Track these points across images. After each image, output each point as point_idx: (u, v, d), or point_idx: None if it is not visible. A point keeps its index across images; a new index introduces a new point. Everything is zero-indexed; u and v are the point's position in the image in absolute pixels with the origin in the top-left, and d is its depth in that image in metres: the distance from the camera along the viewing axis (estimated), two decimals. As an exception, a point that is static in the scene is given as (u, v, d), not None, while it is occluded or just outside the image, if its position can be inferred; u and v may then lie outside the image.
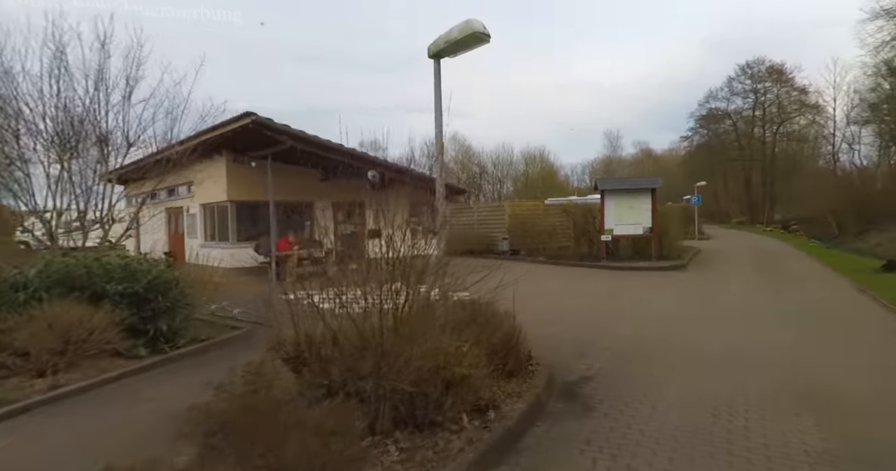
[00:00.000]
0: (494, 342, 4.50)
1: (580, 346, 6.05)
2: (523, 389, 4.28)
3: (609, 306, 8.60)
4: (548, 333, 6.70)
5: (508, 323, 4.93)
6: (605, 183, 15.84)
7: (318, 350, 3.52)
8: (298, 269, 12.93)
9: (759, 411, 4.06)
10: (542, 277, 12.78)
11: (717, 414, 3.98)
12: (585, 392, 4.56)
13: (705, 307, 8.44)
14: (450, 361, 3.67)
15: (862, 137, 35.54)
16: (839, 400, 4.29)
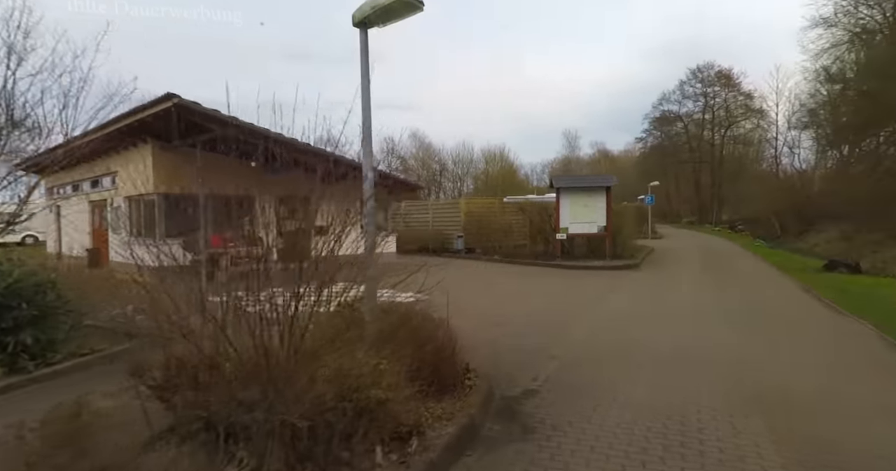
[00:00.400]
0: (424, 355, 3.92)
1: (528, 352, 5.57)
2: (456, 409, 3.73)
3: (561, 307, 8.22)
4: (494, 337, 6.21)
5: (443, 331, 4.35)
6: (561, 180, 15.60)
7: (195, 375, 2.83)
8: (233, 268, 11.96)
9: (713, 421, 3.69)
10: (495, 277, 12.36)
11: (667, 431, 3.56)
12: (527, 409, 4.06)
13: (657, 307, 8.18)
14: (363, 382, 3.06)
15: (802, 141, 37.32)
16: (788, 400, 4.03)
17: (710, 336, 6.18)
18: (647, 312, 7.78)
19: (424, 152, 65.70)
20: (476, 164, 66.58)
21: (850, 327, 6.86)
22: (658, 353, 5.43)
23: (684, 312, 7.74)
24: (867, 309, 7.94)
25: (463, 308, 8.41)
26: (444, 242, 18.96)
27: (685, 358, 5.23)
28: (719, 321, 7.10)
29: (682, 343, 5.77)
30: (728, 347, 5.59)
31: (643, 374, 4.83)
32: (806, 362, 5.16)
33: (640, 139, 56.02)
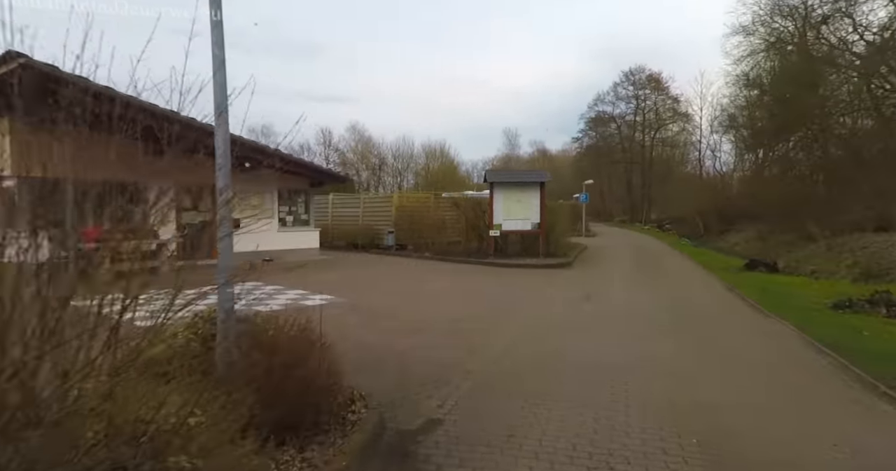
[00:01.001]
0: (288, 386, 2.99)
1: (441, 367, 4.78)
2: (325, 458, 2.84)
3: (487, 311, 7.52)
4: (407, 348, 5.40)
5: (320, 350, 3.44)
6: (495, 175, 15.05)
7: None
8: (115, 266, 10.35)
9: (642, 460, 3.05)
10: (423, 275, 11.55)
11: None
12: (424, 450, 3.24)
13: (586, 311, 7.69)
14: (164, 443, 2.09)
15: (723, 144, 39.46)
16: (718, 415, 3.49)
17: (638, 344, 5.69)
18: (574, 316, 7.24)
19: (364, 146, 63.96)
20: (416, 159, 65.49)
21: (772, 328, 6.64)
22: (583, 366, 4.82)
23: (613, 317, 7.29)
24: (786, 309, 7.86)
25: (380, 313, 7.55)
26: (374, 238, 17.94)
27: (612, 371, 4.65)
28: (648, 326, 6.68)
29: (609, 354, 5.21)
30: (657, 359, 5.09)
31: (565, 391, 4.17)
32: (738, 376, 4.72)
33: (576, 139, 57.37)
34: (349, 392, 3.63)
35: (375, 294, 8.91)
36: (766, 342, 5.77)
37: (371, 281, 10.50)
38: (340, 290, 9.24)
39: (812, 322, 6.83)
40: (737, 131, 33.43)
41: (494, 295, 9.09)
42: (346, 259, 15.04)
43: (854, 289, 10.42)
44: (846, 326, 6.63)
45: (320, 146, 61.04)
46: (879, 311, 7.90)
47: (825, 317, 7.32)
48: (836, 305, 8.35)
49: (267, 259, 13.55)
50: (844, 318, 7.32)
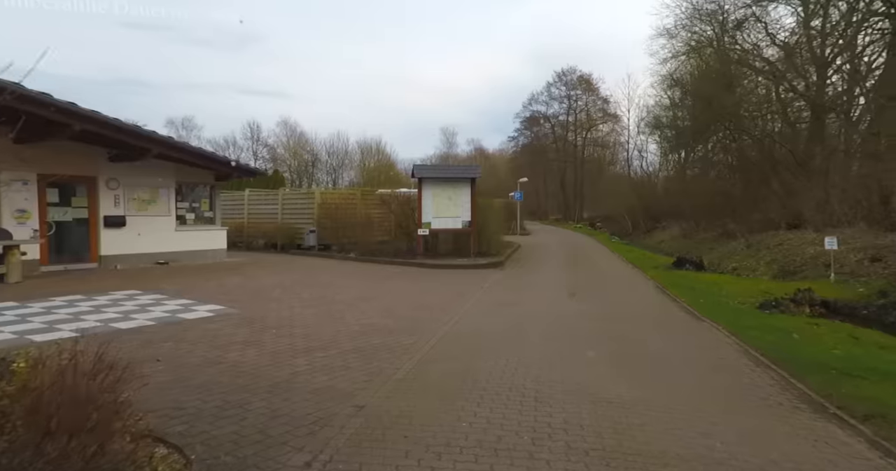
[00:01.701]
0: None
1: (328, 401, 3.79)
2: None
3: (401, 322, 6.58)
4: (291, 374, 4.36)
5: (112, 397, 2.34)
6: (423, 170, 14.14)
7: None
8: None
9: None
10: (342, 279, 10.42)
11: None
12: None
13: (513, 320, 6.95)
14: None
15: (649, 145, 41.10)
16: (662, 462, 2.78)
17: (566, 362, 4.96)
18: (497, 327, 6.46)
19: (296, 142, 61.22)
20: (351, 156, 63.70)
21: (708, 335, 6.20)
22: (498, 395, 3.99)
23: (540, 326, 6.59)
24: (717, 311, 7.57)
25: (275, 326, 6.39)
26: (294, 238, 16.53)
27: (534, 401, 3.86)
28: (577, 337, 6.02)
29: (532, 378, 4.43)
30: (586, 383, 4.37)
31: (474, 433, 3.31)
32: (678, 403, 4.09)
33: (512, 138, 57.93)
34: (169, 461, 2.55)
35: (278, 303, 7.72)
36: (704, 354, 5.24)
37: (278, 287, 9.26)
38: (237, 298, 7.96)
39: (744, 326, 6.49)
40: (661, 132, 34.72)
41: (415, 301, 8.17)
42: (259, 261, 13.56)
43: (775, 286, 10.50)
44: (777, 330, 6.32)
45: (247, 141, 57.78)
46: (803, 310, 7.78)
47: (755, 319, 7.04)
48: (762, 305, 8.19)
49: (161, 262, 11.87)
50: (773, 320, 7.08)
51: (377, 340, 5.62)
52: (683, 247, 21.82)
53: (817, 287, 10.45)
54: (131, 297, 7.86)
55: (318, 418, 3.50)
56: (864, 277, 10.58)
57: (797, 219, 17.36)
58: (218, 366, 4.57)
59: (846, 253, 11.80)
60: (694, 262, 12.90)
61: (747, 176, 21.36)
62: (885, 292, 9.37)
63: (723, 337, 5.92)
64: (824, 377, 4.39)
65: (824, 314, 7.72)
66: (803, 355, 5.16)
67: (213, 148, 55.87)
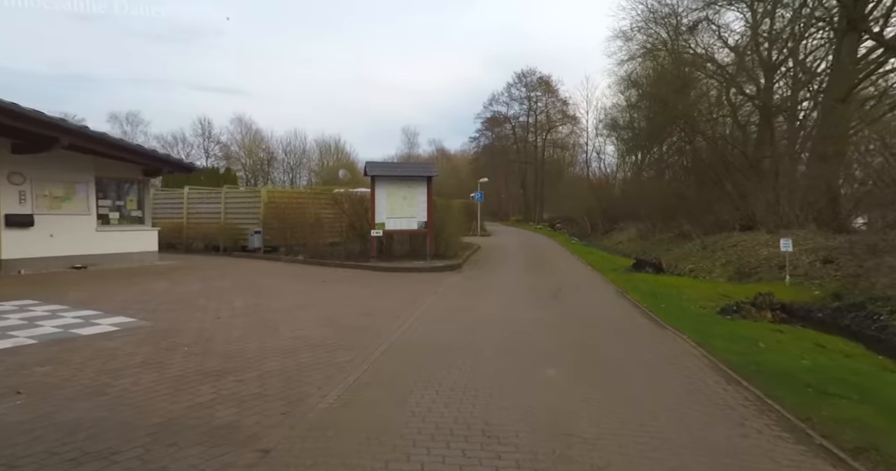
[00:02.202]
0: None
1: (224, 444, 3.03)
2: None
3: (340, 335, 5.84)
4: (187, 408, 3.56)
5: None
6: (376, 167, 13.36)
7: None
8: None
9: None
10: (284, 284, 9.53)
11: None
12: None
13: (463, 331, 6.33)
14: None
15: (606, 147, 41.65)
16: None
17: (521, 385, 4.38)
18: (450, 338, 5.83)
19: (251, 140, 58.94)
20: (310, 155, 61.97)
21: (673, 346, 5.78)
22: (438, 431, 3.34)
23: (496, 335, 6.01)
24: (680, 318, 7.21)
25: (187, 342, 5.51)
26: (238, 239, 15.39)
27: (482, 438, 3.23)
28: (534, 351, 5.46)
29: (482, 406, 3.81)
30: (542, 410, 3.79)
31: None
32: (646, 433, 3.56)
33: (473, 139, 57.72)
34: None
35: (202, 313, 6.81)
36: (674, 371, 4.76)
37: (208, 294, 8.31)
38: (154, 308, 6.99)
39: (709, 334, 6.11)
40: (618, 133, 35.22)
41: (362, 309, 7.43)
42: (195, 264, 12.42)
43: (733, 289, 10.37)
44: (742, 338, 5.97)
45: (198, 137, 55.07)
46: (765, 315, 7.54)
47: (719, 326, 6.70)
48: (724, 310, 7.92)
49: (78, 266, 10.59)
50: (737, 326, 6.76)
51: (308, 358, 4.87)
52: (641, 248, 21.93)
53: (773, 290, 10.37)
54: (23, 308, 6.75)
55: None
56: (817, 279, 10.61)
57: (750, 220, 17.63)
58: (97, 398, 3.72)
59: (799, 255, 11.87)
60: (653, 264, 12.72)
61: (701, 178, 21.69)
62: (839, 295, 9.35)
63: (689, 349, 5.50)
64: (801, 397, 3.97)
65: (785, 319, 7.51)
66: (773, 367, 4.77)
67: (161, 144, 52.96)
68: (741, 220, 17.70)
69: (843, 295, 9.28)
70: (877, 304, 8.42)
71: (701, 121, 21.94)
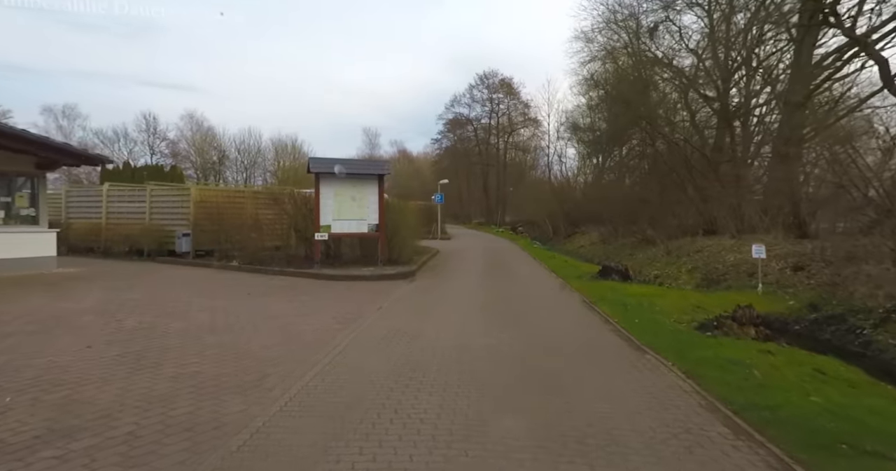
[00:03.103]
0: None
1: None
2: None
3: (233, 376, 4.56)
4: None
5: None
6: (321, 164, 12.01)
7: None
8: None
9: None
10: (198, 298, 8.07)
11: None
12: None
13: (403, 361, 5.17)
14: None
15: (568, 150, 41.48)
16: None
17: (469, 455, 3.25)
18: (382, 376, 4.63)
19: (202, 137, 55.86)
20: (265, 154, 59.36)
21: (656, 378, 4.81)
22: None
23: (444, 370, 4.88)
24: (657, 335, 6.30)
25: (22, 386, 4.00)
26: (164, 243, 13.66)
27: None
28: (491, 392, 4.36)
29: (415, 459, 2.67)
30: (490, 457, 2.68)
31: None
32: None
33: (435, 140, 56.71)
34: None
35: (71, 339, 5.36)
36: (666, 418, 3.74)
37: (96, 310, 6.81)
38: (7, 333, 5.47)
39: (694, 359, 5.18)
40: (579, 137, 34.97)
41: (285, 330, 6.14)
42: (104, 272, 10.71)
43: (706, 299, 9.65)
44: (733, 364, 5.07)
45: (142, 133, 51.60)
46: (748, 331, 6.73)
47: (702, 347, 5.80)
48: (703, 325, 7.08)
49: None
50: (721, 347, 5.88)
51: (183, 410, 3.58)
52: (603, 253, 21.38)
53: (746, 299, 9.71)
54: None
55: None
56: (790, 287, 10.03)
57: (712, 225, 17.29)
58: None
59: (768, 261, 11.33)
60: (620, 271, 11.94)
61: (663, 181, 21.36)
62: (816, 306, 8.74)
63: (677, 381, 4.52)
64: (840, 462, 3.00)
65: (770, 336, 6.72)
66: (784, 410, 3.84)
67: (100, 140, 49.32)
68: (704, 224, 17.32)
69: (819, 306, 8.68)
70: (857, 316, 7.81)
71: (663, 124, 21.64)
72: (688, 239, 16.71)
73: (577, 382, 4.46)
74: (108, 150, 49.82)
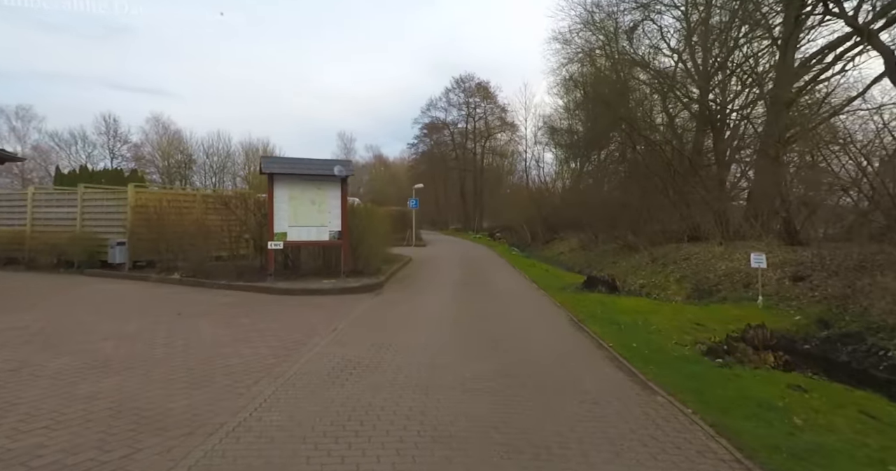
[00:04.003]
0: None
1: None
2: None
3: (95, 446, 3.28)
4: None
5: None
6: (275, 163, 10.69)
7: None
8: None
9: None
10: (108, 322, 6.66)
11: None
12: None
13: (349, 410, 3.97)
14: None
15: (545, 154, 40.80)
16: None
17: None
18: (318, 435, 3.41)
19: (169, 141, 53.49)
20: (234, 158, 57.22)
21: (684, 434, 3.72)
22: None
23: (401, 423, 3.70)
24: (663, 366, 5.23)
25: None
26: (98, 252, 12.09)
27: None
28: (462, 457, 3.18)
29: None
30: None
31: None
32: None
33: (412, 145, 55.57)
34: None
35: None
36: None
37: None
38: None
39: (716, 400, 4.13)
40: (556, 141, 34.31)
41: (206, 365, 4.86)
42: (5, 289, 9.15)
43: (704, 314, 8.69)
44: (768, 410, 4.03)
45: (101, 136, 48.99)
46: (766, 359, 5.72)
47: (721, 383, 4.74)
48: (710, 350, 6.04)
49: None
50: (742, 381, 4.85)
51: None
52: (584, 260, 20.49)
53: (746, 314, 8.82)
54: None
55: None
56: (793, 299, 9.16)
57: (696, 231, 16.54)
58: None
59: (764, 270, 10.47)
60: (606, 282, 10.93)
61: (645, 186, 20.62)
62: (826, 322, 7.85)
63: (707, 442, 3.41)
64: None
65: (790, 362, 5.74)
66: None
67: (56, 143, 46.66)
68: (689, 230, 16.55)
69: (830, 322, 7.79)
70: (878, 335, 6.92)
71: (643, 126, 20.96)
72: (673, 245, 15.89)
73: (579, 445, 3.31)
74: (64, 153, 47.17)
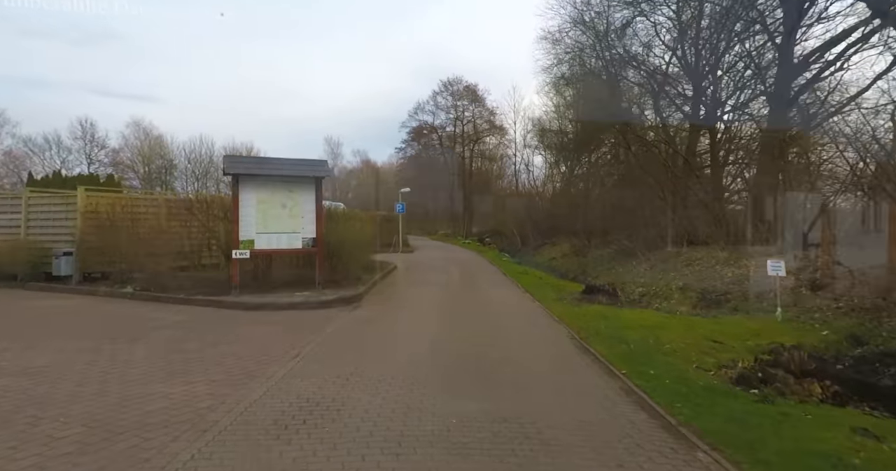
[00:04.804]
0: None
1: None
2: None
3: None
4: None
5: None
6: (239, 163, 9.64)
7: None
8: None
9: None
10: (17, 352, 5.54)
11: None
12: None
13: (304, 467, 2.94)
14: None
15: (535, 158, 40.04)
16: None
17: None
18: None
19: (150, 146, 51.88)
20: (217, 163, 55.77)
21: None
22: None
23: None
24: (694, 404, 4.26)
25: None
26: (42, 263, 10.87)
27: None
28: None
29: None
30: None
31: None
32: None
33: (399, 149, 54.56)
34: None
35: None
36: None
37: None
38: None
39: (775, 461, 3.13)
40: (546, 142, 33.55)
41: (110, 418, 3.79)
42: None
43: (719, 329, 7.76)
44: (839, 468, 3.04)
45: (77, 141, 47.27)
46: (812, 389, 4.77)
47: (770, 428, 3.77)
48: (742, 377, 5.08)
49: None
50: (794, 422, 3.90)
51: None
52: (578, 266, 19.60)
53: (764, 328, 7.92)
54: None
55: None
56: (815, 311, 8.27)
57: (694, 234, 15.74)
58: None
59: (776, 277, 9.61)
60: (607, 291, 10.00)
61: (639, 188, 19.83)
62: (859, 338, 6.94)
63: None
64: None
65: (839, 393, 4.80)
66: None
67: (29, 148, 44.86)
68: (688, 234, 15.73)
69: (863, 338, 6.89)
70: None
71: (637, 125, 20.21)
72: (672, 250, 15.04)
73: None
74: (38, 158, 45.43)
